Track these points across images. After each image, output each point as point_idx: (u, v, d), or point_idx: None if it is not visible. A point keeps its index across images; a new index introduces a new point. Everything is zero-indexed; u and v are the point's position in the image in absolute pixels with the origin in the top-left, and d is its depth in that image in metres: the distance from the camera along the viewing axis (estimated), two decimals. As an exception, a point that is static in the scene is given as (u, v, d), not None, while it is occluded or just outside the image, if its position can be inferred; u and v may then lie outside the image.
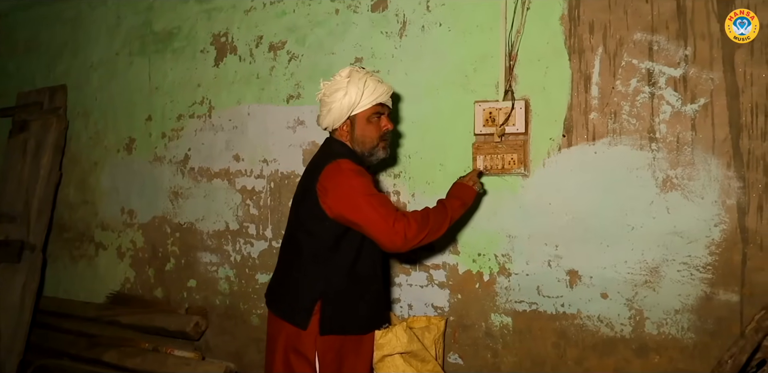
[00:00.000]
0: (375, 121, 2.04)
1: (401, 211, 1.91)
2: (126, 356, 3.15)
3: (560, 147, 2.37)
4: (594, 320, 2.31)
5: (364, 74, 2.04)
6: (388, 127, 2.06)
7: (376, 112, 2.04)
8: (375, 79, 2.04)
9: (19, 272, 3.57)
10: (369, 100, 2.01)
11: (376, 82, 2.03)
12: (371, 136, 2.04)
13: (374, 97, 2.01)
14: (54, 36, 4.04)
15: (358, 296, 2.04)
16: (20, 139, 3.92)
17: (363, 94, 2.00)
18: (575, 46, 2.35)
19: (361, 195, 1.89)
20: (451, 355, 2.58)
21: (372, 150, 2.06)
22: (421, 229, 1.89)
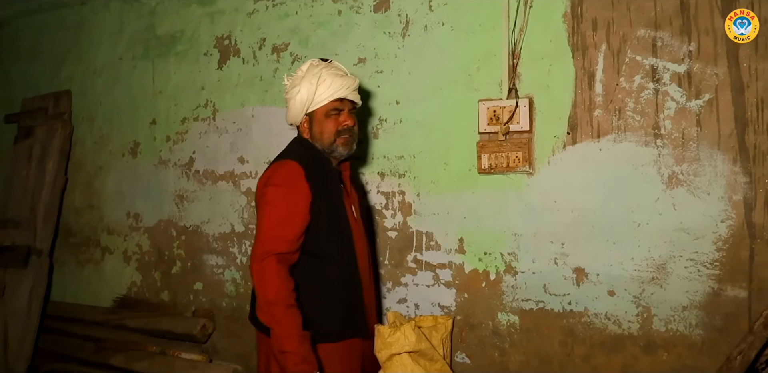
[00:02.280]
0: (333, 117, 2.01)
1: (288, 246, 1.85)
2: (133, 360, 3.15)
3: (565, 145, 2.37)
4: (601, 317, 2.31)
5: (321, 68, 1.99)
6: (347, 123, 2.02)
7: (333, 108, 2.01)
8: (333, 73, 1.99)
9: (26, 277, 3.59)
10: (325, 96, 1.98)
11: (334, 77, 1.98)
12: (328, 132, 2.01)
13: (331, 92, 1.97)
14: (57, 42, 4.05)
15: (325, 301, 1.99)
16: (26, 144, 3.94)
17: (317, 90, 1.97)
18: (578, 43, 2.35)
19: (265, 203, 1.90)
20: (459, 354, 2.58)
21: (331, 146, 2.02)
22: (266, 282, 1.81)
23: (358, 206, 2.19)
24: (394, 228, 2.71)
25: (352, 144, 2.05)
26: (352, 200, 2.14)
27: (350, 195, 2.14)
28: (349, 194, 2.14)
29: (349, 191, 2.14)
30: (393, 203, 2.71)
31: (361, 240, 2.14)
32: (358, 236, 2.11)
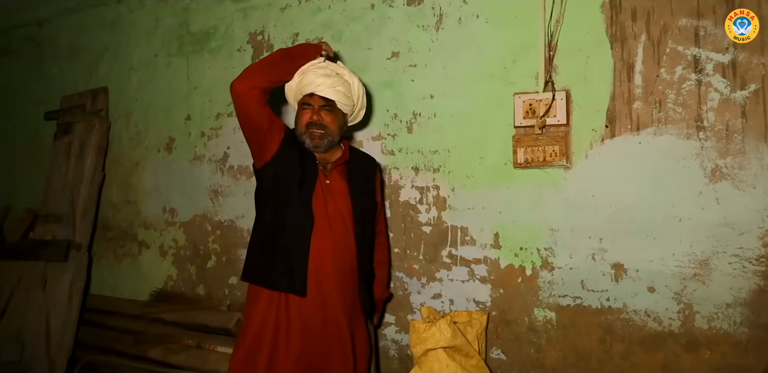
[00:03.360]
0: (303, 110, 2.20)
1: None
2: (170, 353, 3.19)
3: (603, 138, 2.33)
4: (641, 314, 2.26)
5: (309, 68, 2.18)
6: (314, 117, 2.16)
7: (305, 101, 2.19)
8: (312, 72, 2.16)
9: (66, 270, 3.65)
10: (299, 89, 2.19)
11: (311, 74, 2.16)
12: (300, 123, 2.20)
13: (301, 86, 2.17)
14: (95, 40, 4.13)
15: (260, 247, 2.20)
16: (65, 141, 4.01)
17: (294, 84, 2.19)
18: (617, 34, 2.30)
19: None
20: (494, 350, 2.56)
21: (302, 136, 2.19)
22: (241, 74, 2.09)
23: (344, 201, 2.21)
24: (428, 223, 2.70)
25: (320, 139, 2.17)
26: (332, 188, 2.21)
27: (331, 183, 2.22)
28: (330, 181, 2.22)
29: (330, 180, 2.22)
30: (427, 197, 2.70)
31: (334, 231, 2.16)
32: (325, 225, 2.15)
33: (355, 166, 2.31)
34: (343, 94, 2.18)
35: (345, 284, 2.19)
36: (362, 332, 2.28)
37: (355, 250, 2.20)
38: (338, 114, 2.21)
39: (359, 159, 2.37)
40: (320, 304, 2.13)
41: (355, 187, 2.26)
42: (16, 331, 3.68)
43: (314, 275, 2.12)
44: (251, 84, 2.06)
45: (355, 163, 2.32)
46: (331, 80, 2.15)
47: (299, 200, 2.14)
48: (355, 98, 2.26)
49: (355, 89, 2.25)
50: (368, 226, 2.31)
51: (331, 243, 2.15)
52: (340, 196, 2.22)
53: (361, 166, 2.34)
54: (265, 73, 2.11)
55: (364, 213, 2.26)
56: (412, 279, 2.75)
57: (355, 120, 2.37)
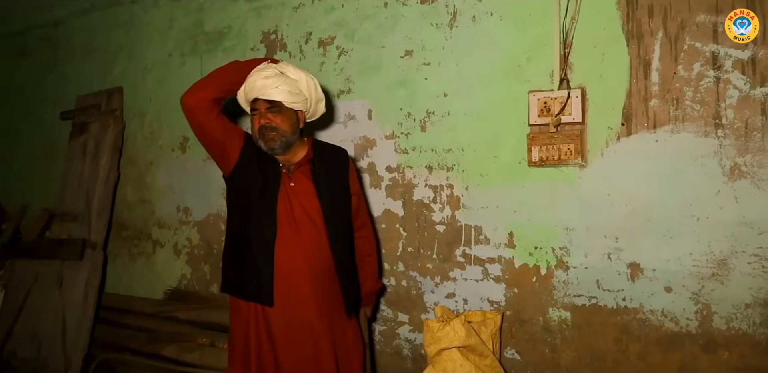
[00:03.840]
0: (252, 116, 2.18)
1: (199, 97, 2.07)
2: (184, 351, 3.21)
3: (619, 136, 2.30)
4: (657, 314, 2.23)
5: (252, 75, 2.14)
6: (261, 121, 2.14)
7: (252, 108, 2.17)
8: (255, 76, 2.13)
9: (81, 269, 3.68)
10: (245, 97, 2.18)
11: (252, 81, 2.13)
12: (252, 130, 2.18)
13: (246, 93, 2.15)
14: (109, 40, 4.15)
15: (233, 256, 2.21)
16: (80, 140, 4.04)
17: (242, 92, 2.18)
18: (633, 31, 2.27)
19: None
20: (508, 350, 2.54)
21: (257, 142, 2.17)
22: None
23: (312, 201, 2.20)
24: (442, 222, 2.68)
25: (274, 141, 2.15)
26: (297, 190, 2.20)
27: (296, 185, 2.20)
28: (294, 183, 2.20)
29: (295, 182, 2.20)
30: (441, 196, 2.68)
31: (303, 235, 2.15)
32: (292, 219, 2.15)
33: (321, 162, 2.27)
34: (288, 93, 2.13)
35: (322, 286, 2.18)
36: (350, 330, 2.27)
37: (329, 250, 2.19)
38: (288, 113, 2.17)
39: (327, 154, 2.33)
40: (291, 311, 2.13)
41: (323, 184, 2.23)
42: (33, 329, 3.71)
43: (283, 282, 2.12)
44: (200, 96, 2.07)
45: (322, 159, 2.28)
46: (272, 81, 2.11)
47: (262, 207, 2.14)
48: (306, 93, 2.19)
49: (304, 84, 2.19)
50: (343, 222, 2.28)
51: (300, 247, 2.14)
52: (307, 196, 2.20)
53: (329, 161, 2.30)
54: (213, 83, 2.12)
55: (336, 211, 2.23)
56: (425, 278, 2.74)
57: (316, 114, 2.32)
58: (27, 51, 4.78)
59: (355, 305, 2.34)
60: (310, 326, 2.15)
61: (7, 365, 3.70)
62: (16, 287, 3.96)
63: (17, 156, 4.89)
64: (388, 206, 2.84)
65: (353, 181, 2.37)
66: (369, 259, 2.46)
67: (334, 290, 2.21)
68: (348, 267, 2.29)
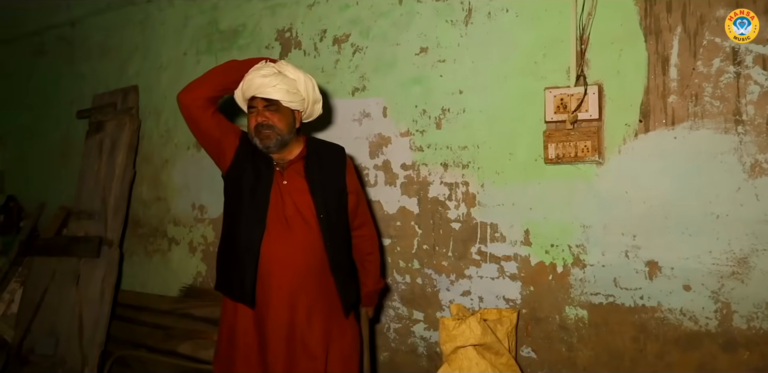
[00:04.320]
0: (250, 114, 2.18)
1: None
2: (200, 348, 3.22)
3: (636, 133, 2.28)
4: (676, 313, 2.21)
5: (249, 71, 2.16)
6: (258, 119, 2.14)
7: (249, 106, 2.18)
8: (254, 75, 2.13)
9: (98, 266, 3.71)
10: (242, 95, 2.18)
11: (250, 79, 2.13)
12: (248, 127, 2.18)
13: (243, 91, 2.16)
14: (125, 39, 4.18)
15: (223, 256, 2.24)
16: (96, 139, 4.07)
17: (239, 90, 2.18)
18: (651, 26, 2.24)
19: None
20: (524, 348, 2.52)
21: (253, 140, 2.17)
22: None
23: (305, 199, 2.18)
24: (457, 220, 2.67)
25: (270, 139, 2.15)
26: (290, 187, 2.19)
27: (289, 183, 2.20)
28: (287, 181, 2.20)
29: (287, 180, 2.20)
30: (456, 194, 2.67)
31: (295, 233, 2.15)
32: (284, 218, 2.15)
33: (317, 160, 2.25)
34: (285, 92, 2.12)
35: (314, 285, 2.16)
36: (348, 330, 2.25)
37: (323, 248, 2.17)
38: (285, 112, 2.17)
39: (323, 152, 2.30)
40: (277, 311, 2.12)
41: (316, 182, 2.20)
42: (51, 325, 3.75)
43: (269, 283, 2.11)
44: (195, 94, 2.08)
45: (316, 156, 2.26)
46: (270, 79, 2.11)
47: (252, 205, 2.15)
48: (303, 93, 2.19)
49: (302, 84, 2.18)
50: (338, 220, 2.25)
51: (290, 246, 2.13)
52: (300, 194, 2.18)
53: (324, 158, 2.28)
54: (209, 82, 2.12)
55: (329, 209, 2.20)
56: (440, 276, 2.73)
57: (313, 115, 2.31)
58: (44, 51, 4.82)
59: (354, 304, 2.31)
60: (297, 327, 2.13)
61: (25, 362, 3.74)
62: (34, 284, 4.00)
63: (35, 155, 4.94)
64: (403, 204, 2.84)
65: (351, 180, 2.33)
66: (370, 258, 2.42)
67: (329, 290, 2.19)
68: (344, 266, 2.26)
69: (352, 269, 2.36)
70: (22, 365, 3.75)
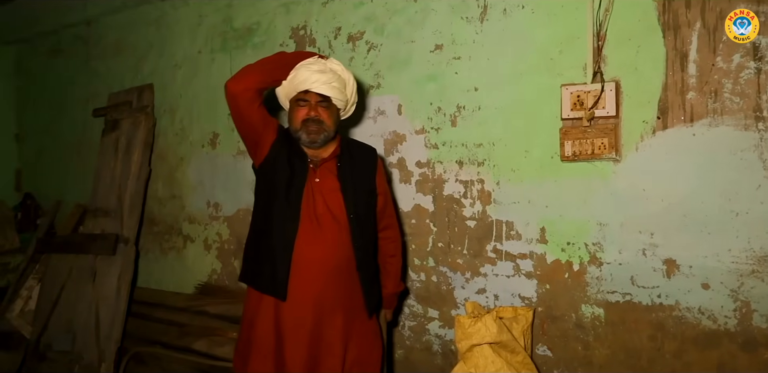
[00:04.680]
0: (299, 107, 2.18)
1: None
2: (215, 345, 3.24)
3: (654, 130, 2.25)
4: (694, 311, 2.19)
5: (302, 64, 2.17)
6: (310, 114, 2.16)
7: (300, 98, 2.18)
8: (306, 68, 2.16)
9: (114, 263, 3.74)
10: (293, 87, 2.17)
11: (304, 71, 2.15)
12: (295, 120, 2.19)
13: (296, 83, 2.15)
14: (140, 37, 4.20)
15: (254, 249, 2.25)
16: (112, 137, 4.10)
17: (290, 81, 2.17)
18: (670, 22, 2.22)
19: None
20: (540, 346, 2.51)
21: (297, 133, 2.19)
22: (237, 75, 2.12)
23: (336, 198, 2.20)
24: (472, 217, 2.66)
25: (316, 134, 2.17)
26: (322, 186, 2.20)
27: (321, 181, 2.21)
28: (319, 179, 2.21)
29: (320, 178, 2.21)
30: (472, 191, 2.66)
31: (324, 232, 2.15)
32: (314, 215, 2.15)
33: (349, 159, 2.27)
34: (338, 90, 2.17)
35: (341, 284, 2.17)
36: (370, 331, 2.26)
37: (351, 248, 2.18)
38: (333, 109, 2.22)
39: (355, 151, 2.32)
40: (303, 307, 2.13)
41: (348, 182, 2.22)
42: (68, 322, 3.78)
43: (298, 278, 2.12)
44: (246, 85, 2.08)
45: (350, 156, 2.28)
46: (326, 77, 2.14)
47: (286, 202, 2.15)
48: (348, 94, 2.25)
49: (350, 85, 2.25)
50: (367, 221, 2.26)
51: (320, 244, 2.13)
52: (331, 193, 2.20)
53: (356, 158, 2.30)
54: (260, 73, 2.13)
55: (359, 209, 2.21)
56: (455, 274, 2.72)
57: (346, 115, 2.36)
58: (60, 50, 4.87)
59: (376, 305, 2.32)
60: (320, 324, 2.14)
61: (43, 357, 3.78)
62: (52, 280, 4.04)
63: (51, 153, 4.99)
64: (418, 201, 2.83)
65: (380, 181, 2.35)
66: (392, 260, 2.43)
67: (354, 289, 2.20)
68: (369, 266, 2.27)
69: (377, 271, 2.37)
70: (40, 360, 3.79)
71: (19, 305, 4.18)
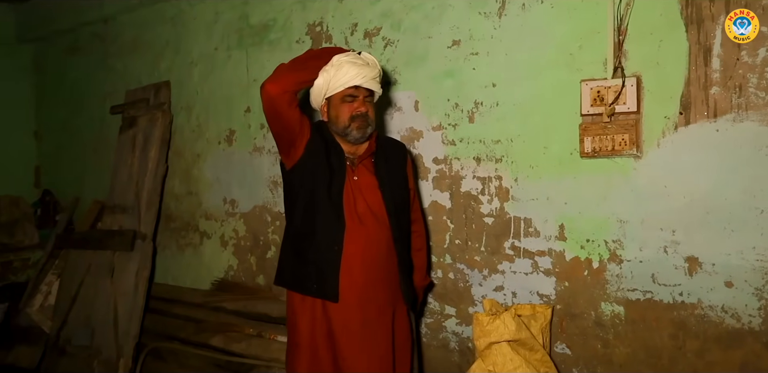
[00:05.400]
0: (348, 102, 2.15)
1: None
2: (232, 341, 3.25)
3: (676, 125, 2.22)
4: (717, 310, 2.15)
5: (343, 60, 2.14)
6: (361, 109, 2.15)
7: (348, 94, 2.15)
8: (351, 63, 2.13)
9: (132, 260, 3.77)
10: (340, 83, 2.12)
11: (352, 65, 2.12)
12: (342, 117, 2.16)
13: (345, 79, 2.12)
14: (157, 35, 4.22)
15: (292, 251, 2.21)
16: (130, 134, 4.13)
17: (332, 77, 2.13)
18: (693, 16, 2.18)
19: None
20: (558, 344, 2.49)
21: (345, 130, 2.17)
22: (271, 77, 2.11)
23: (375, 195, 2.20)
24: (490, 214, 2.64)
25: (365, 129, 2.18)
26: (360, 183, 2.21)
27: (360, 179, 2.21)
28: (358, 177, 2.21)
29: (358, 175, 2.21)
30: (489, 188, 2.64)
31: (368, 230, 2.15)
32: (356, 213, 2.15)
33: (384, 156, 2.29)
34: (378, 85, 2.21)
35: (384, 280, 2.18)
36: (404, 325, 2.27)
37: (392, 244, 2.19)
38: (374, 104, 2.24)
39: (388, 148, 2.34)
40: (355, 306, 2.12)
41: (385, 178, 2.23)
42: (87, 317, 3.82)
43: (347, 278, 2.11)
44: (284, 87, 2.07)
45: (384, 153, 2.29)
46: (373, 71, 2.16)
47: (329, 202, 2.13)
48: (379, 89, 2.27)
49: (380, 80, 2.27)
50: (404, 217, 2.28)
51: (363, 242, 2.13)
52: (370, 190, 2.19)
53: (390, 155, 2.32)
54: (296, 73, 2.12)
55: (397, 205, 2.22)
56: (473, 271, 2.71)
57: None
58: (78, 47, 4.90)
59: (413, 300, 2.33)
60: (370, 323, 2.14)
61: (63, 352, 3.82)
62: (71, 276, 4.09)
63: (70, 149, 5.03)
64: (435, 198, 2.82)
65: (411, 176, 2.41)
66: (419, 254, 2.46)
67: (394, 286, 2.22)
68: (408, 262, 2.29)
69: (412, 266, 2.38)
70: (60, 355, 3.83)
71: (39, 300, 4.23)
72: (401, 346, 2.25)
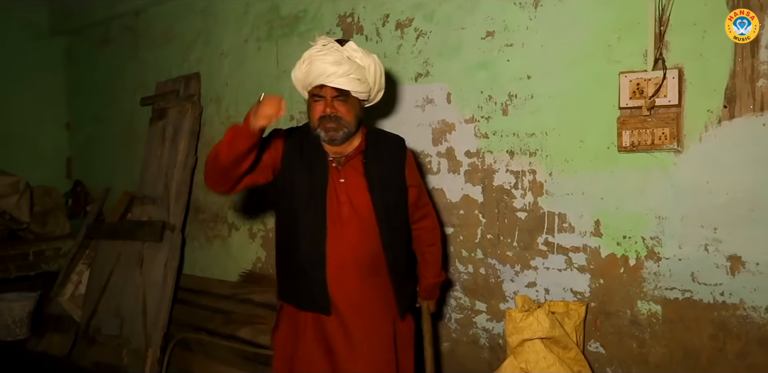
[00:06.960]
0: (314, 102, 1.99)
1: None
2: (259, 333, 3.26)
3: (720, 119, 2.14)
4: (761, 311, 2.08)
5: (314, 55, 1.94)
6: (326, 110, 1.96)
7: (314, 94, 1.98)
8: (321, 60, 1.92)
9: (161, 250, 3.79)
10: (308, 82, 1.97)
11: (318, 63, 1.92)
12: (313, 117, 2.00)
13: (311, 78, 1.94)
14: (187, 27, 4.22)
15: (283, 265, 2.14)
16: (159, 126, 4.15)
17: (302, 74, 1.97)
18: (739, 5, 2.10)
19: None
20: (592, 343, 2.44)
21: (315, 130, 2.00)
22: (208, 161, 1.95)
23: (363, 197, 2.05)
24: (523, 209, 2.59)
25: (335, 132, 1.98)
26: (347, 186, 2.06)
27: (347, 181, 2.06)
28: (344, 179, 2.06)
29: (345, 177, 2.06)
30: (523, 182, 2.59)
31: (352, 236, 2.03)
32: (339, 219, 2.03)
33: (376, 154, 2.11)
34: (357, 82, 1.95)
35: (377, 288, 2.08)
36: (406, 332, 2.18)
37: (381, 249, 2.06)
38: (353, 103, 2.00)
39: (382, 144, 2.15)
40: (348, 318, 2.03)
41: (375, 179, 2.07)
42: (116, 307, 3.86)
43: (337, 288, 2.02)
44: (223, 189, 2.02)
45: (375, 150, 2.11)
46: (343, 68, 1.92)
47: (310, 210, 2.02)
48: (371, 82, 2.02)
49: (371, 73, 2.00)
50: (397, 218, 2.12)
51: (351, 251, 2.02)
52: (358, 193, 2.05)
53: (384, 152, 2.14)
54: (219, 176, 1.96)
55: (389, 207, 2.07)
56: (505, 266, 2.66)
57: (371, 103, 2.16)
58: (109, 40, 4.94)
59: (409, 305, 2.22)
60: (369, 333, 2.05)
61: (93, 341, 3.87)
62: (101, 266, 4.13)
63: (101, 141, 5.08)
64: (466, 192, 2.77)
65: (411, 173, 2.20)
66: (431, 249, 2.30)
67: (386, 292, 2.10)
68: (401, 266, 2.14)
69: (409, 269, 2.26)
70: (90, 344, 3.88)
71: (70, 289, 4.29)
72: (403, 353, 2.15)
